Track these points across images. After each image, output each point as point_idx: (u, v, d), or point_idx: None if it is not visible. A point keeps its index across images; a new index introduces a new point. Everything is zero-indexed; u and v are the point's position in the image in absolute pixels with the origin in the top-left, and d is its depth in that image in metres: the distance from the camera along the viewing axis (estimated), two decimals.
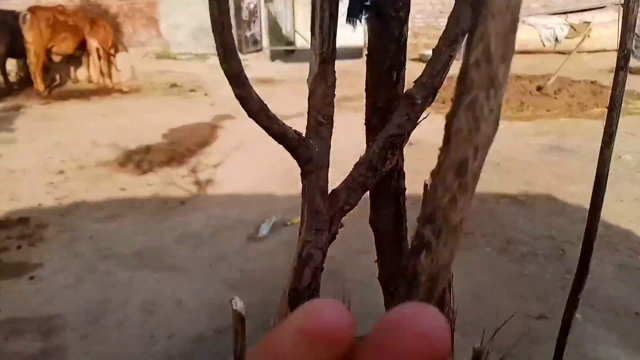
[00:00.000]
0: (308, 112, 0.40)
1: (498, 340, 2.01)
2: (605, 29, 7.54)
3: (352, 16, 0.42)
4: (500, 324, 2.11)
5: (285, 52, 11.31)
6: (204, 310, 2.31)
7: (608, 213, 3.00)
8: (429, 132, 5.25)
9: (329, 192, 0.41)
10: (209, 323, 2.23)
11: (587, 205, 3.49)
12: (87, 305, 2.37)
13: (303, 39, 12.32)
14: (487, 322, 2.16)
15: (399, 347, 0.15)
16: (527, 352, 1.95)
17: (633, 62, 7.22)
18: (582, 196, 3.25)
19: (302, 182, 0.41)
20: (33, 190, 3.74)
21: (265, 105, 0.39)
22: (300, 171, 0.42)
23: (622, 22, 0.62)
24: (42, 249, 2.91)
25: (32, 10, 6.64)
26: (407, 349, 0.15)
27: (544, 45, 8.30)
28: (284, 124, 0.39)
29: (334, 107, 0.40)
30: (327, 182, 0.40)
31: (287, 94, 6.06)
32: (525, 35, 8.02)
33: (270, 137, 0.40)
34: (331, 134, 0.41)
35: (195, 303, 2.36)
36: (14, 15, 6.64)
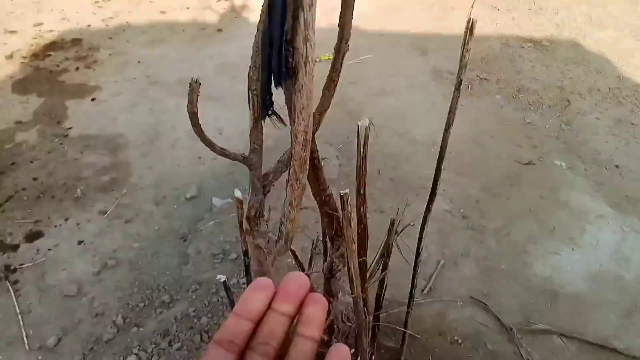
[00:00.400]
0: (249, 143, 0.77)
1: (486, 181, 2.38)
2: None
3: (261, 119, 0.73)
4: (492, 166, 2.45)
5: None
6: (240, 138, 2.71)
7: (629, 67, 3.09)
8: None
9: (262, 174, 0.76)
10: (245, 150, 2.64)
11: (609, 55, 3.51)
12: (143, 127, 2.80)
13: None
14: (480, 166, 2.52)
15: (287, 287, 0.41)
16: (507, 192, 2.32)
17: None
18: (606, 43, 3.29)
19: (249, 172, 0.78)
20: (80, 9, 3.94)
21: (225, 149, 0.76)
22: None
23: (460, 60, 0.82)
24: (98, 72, 3.25)
25: None
26: (291, 287, 0.41)
27: None
28: (235, 153, 0.71)
29: (262, 140, 0.70)
30: (261, 172, 0.81)
31: None
32: None
33: None
34: (262, 152, 0.73)
35: (233, 132, 2.76)
36: None
